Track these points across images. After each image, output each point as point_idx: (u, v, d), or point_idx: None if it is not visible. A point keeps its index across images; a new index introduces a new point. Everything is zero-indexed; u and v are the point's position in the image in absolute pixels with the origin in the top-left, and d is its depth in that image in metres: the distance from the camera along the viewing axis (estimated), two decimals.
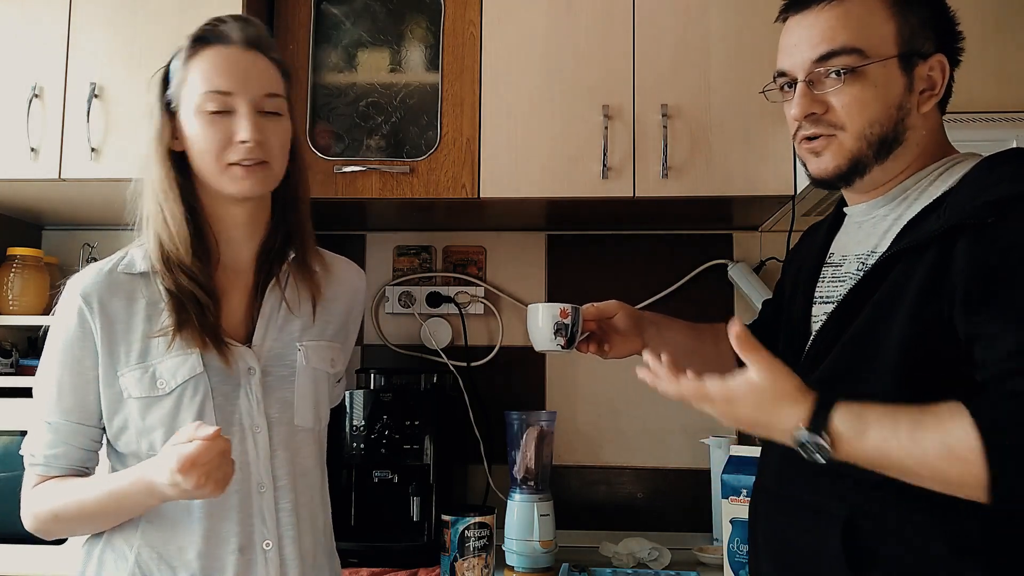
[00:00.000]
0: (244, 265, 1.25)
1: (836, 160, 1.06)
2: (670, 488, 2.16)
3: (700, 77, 1.85)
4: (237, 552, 1.16)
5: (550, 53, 1.89)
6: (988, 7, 1.81)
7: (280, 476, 1.21)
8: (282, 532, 1.19)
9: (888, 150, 1.05)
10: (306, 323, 1.27)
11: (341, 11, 2.03)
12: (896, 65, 1.04)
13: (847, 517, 0.97)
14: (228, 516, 1.16)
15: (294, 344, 1.24)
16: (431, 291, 2.24)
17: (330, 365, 1.29)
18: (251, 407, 1.19)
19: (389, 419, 1.88)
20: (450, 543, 1.72)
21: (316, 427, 1.28)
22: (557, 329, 1.28)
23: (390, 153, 1.99)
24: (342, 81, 2.02)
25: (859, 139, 1.05)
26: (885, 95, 1.03)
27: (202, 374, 1.16)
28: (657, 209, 1.98)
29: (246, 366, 1.20)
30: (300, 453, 1.24)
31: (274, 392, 1.21)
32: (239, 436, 1.18)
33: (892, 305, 0.98)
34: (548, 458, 1.90)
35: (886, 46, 1.03)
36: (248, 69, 1.18)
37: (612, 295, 2.18)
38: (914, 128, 1.06)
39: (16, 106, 1.83)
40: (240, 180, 1.17)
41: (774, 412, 0.93)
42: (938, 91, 1.06)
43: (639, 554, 1.90)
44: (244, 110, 1.16)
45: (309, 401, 1.25)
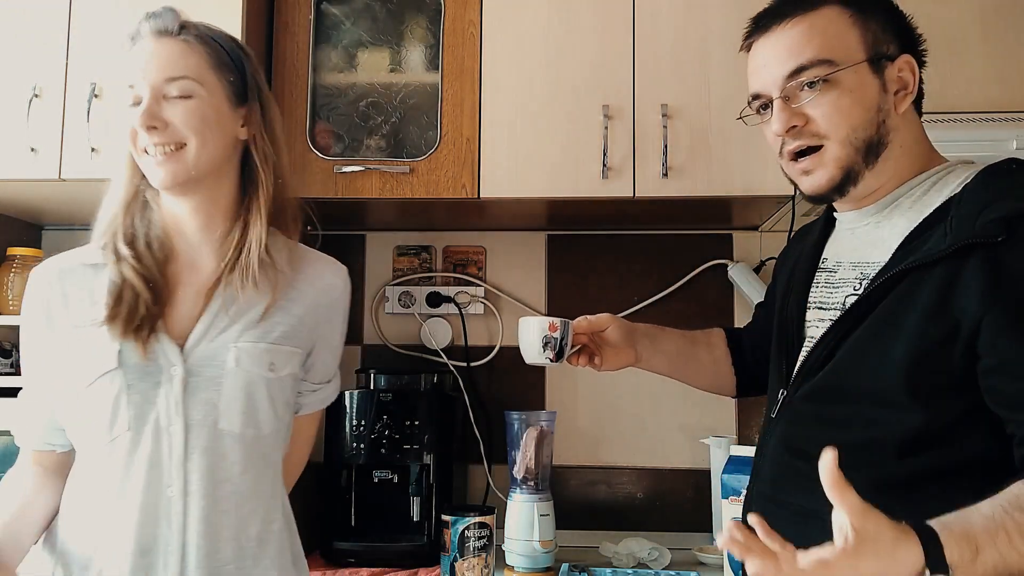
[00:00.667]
0: (202, 262, 1.23)
1: (829, 173, 1.07)
2: (670, 488, 2.16)
3: (700, 77, 1.85)
4: (134, 553, 1.12)
5: (550, 53, 1.89)
6: (988, 7, 1.82)
7: (193, 481, 1.15)
8: (187, 538, 1.14)
9: (876, 154, 1.06)
10: (249, 324, 1.21)
11: (341, 11, 2.03)
12: (867, 69, 1.05)
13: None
14: (130, 515, 1.12)
15: (229, 344, 1.19)
16: (431, 291, 2.24)
17: (268, 369, 1.21)
18: (168, 406, 1.15)
19: (389, 419, 1.88)
20: (450, 543, 1.72)
21: (249, 433, 1.19)
22: (546, 343, 1.28)
23: (390, 153, 1.99)
24: (342, 81, 2.02)
25: (846, 146, 1.05)
26: (862, 99, 1.05)
27: (117, 370, 1.14)
28: (657, 209, 1.98)
29: (168, 364, 1.16)
30: (225, 459, 1.17)
31: (198, 393, 1.16)
32: (154, 435, 1.14)
33: (897, 320, 0.98)
34: (548, 458, 1.90)
35: (853, 52, 1.05)
36: (151, 58, 1.18)
37: (612, 295, 2.20)
38: (896, 129, 1.07)
39: (16, 106, 1.82)
40: (155, 167, 1.17)
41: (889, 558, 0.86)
42: (911, 89, 1.07)
43: (639, 554, 1.90)
44: (144, 97, 1.16)
45: (238, 405, 1.18)
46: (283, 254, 1.26)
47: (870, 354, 1.01)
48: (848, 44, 1.06)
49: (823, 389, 1.07)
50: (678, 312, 2.20)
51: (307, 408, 1.35)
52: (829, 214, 1.21)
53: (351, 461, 1.90)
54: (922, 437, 0.97)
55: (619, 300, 2.20)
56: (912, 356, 0.96)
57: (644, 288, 2.20)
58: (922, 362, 0.96)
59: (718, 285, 2.20)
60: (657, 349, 1.39)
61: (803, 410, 1.10)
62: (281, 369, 1.23)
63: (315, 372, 1.32)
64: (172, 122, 1.16)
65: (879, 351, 0.99)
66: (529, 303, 2.23)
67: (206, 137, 1.18)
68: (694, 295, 2.20)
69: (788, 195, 1.81)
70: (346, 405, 1.91)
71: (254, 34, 1.87)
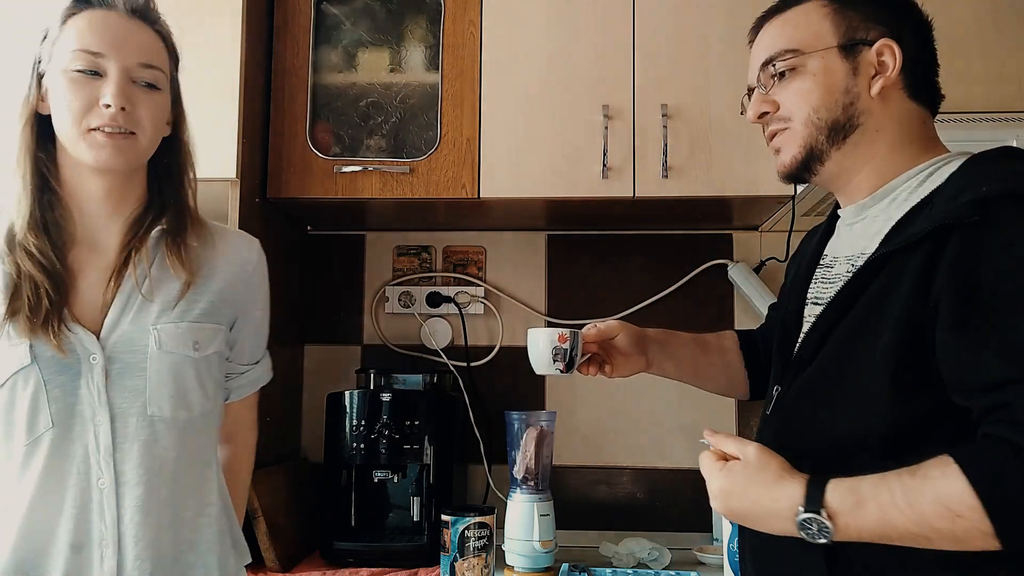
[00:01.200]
0: (104, 245, 1.18)
1: (791, 151, 1.11)
2: (670, 488, 2.16)
3: (700, 77, 1.85)
4: (68, 550, 1.09)
5: (550, 53, 1.89)
6: (988, 7, 1.82)
7: (126, 471, 1.12)
8: (123, 530, 1.11)
9: (842, 134, 1.08)
10: (166, 304, 1.17)
11: (341, 11, 2.03)
12: (835, 54, 1.08)
13: None
14: (61, 511, 1.10)
15: (148, 328, 1.15)
16: (431, 291, 2.24)
17: (192, 348, 1.18)
18: (92, 397, 1.11)
19: (389, 419, 1.88)
20: (450, 543, 1.72)
21: (181, 416, 1.17)
22: (556, 354, 1.28)
23: (390, 153, 1.99)
24: (342, 81, 2.02)
25: (807, 125, 1.09)
26: (825, 82, 1.08)
27: (31, 366, 1.09)
28: (657, 209, 1.98)
29: (87, 353, 1.11)
30: (158, 445, 1.15)
31: (122, 380, 1.13)
32: (80, 428, 1.11)
33: (880, 307, 0.98)
34: (548, 458, 1.90)
35: (821, 40, 1.09)
36: (126, 35, 1.13)
37: (612, 295, 2.20)
38: (868, 112, 1.08)
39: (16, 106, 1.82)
40: (99, 147, 1.11)
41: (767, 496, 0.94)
42: (888, 72, 1.07)
43: (639, 554, 1.90)
44: (114, 75, 1.11)
45: (166, 389, 1.15)
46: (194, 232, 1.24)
47: (854, 346, 1.00)
48: (817, 32, 1.10)
49: (812, 384, 1.06)
50: (678, 312, 2.20)
51: (239, 392, 1.34)
52: (834, 212, 1.22)
53: (351, 461, 1.90)
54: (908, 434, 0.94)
55: (619, 300, 2.20)
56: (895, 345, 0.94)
57: (644, 288, 2.20)
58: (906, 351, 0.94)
59: (718, 285, 2.19)
60: (668, 355, 1.38)
61: (794, 406, 1.09)
62: (206, 348, 1.21)
63: (241, 352, 1.31)
64: (136, 109, 1.13)
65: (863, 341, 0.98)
66: (529, 303, 2.23)
67: (157, 131, 1.18)
68: (694, 295, 2.20)
69: (788, 195, 1.81)
70: (346, 405, 1.91)
71: (254, 34, 1.87)
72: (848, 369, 1.00)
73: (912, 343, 0.93)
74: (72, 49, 1.11)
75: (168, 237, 1.20)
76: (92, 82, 1.11)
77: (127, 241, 1.18)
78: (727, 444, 1.01)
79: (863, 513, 0.88)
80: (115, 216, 1.18)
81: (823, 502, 0.89)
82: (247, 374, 1.35)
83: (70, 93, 1.11)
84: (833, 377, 1.02)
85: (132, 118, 1.12)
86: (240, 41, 1.78)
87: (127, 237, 1.18)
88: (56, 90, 1.12)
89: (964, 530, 0.84)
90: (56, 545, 1.10)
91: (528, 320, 2.22)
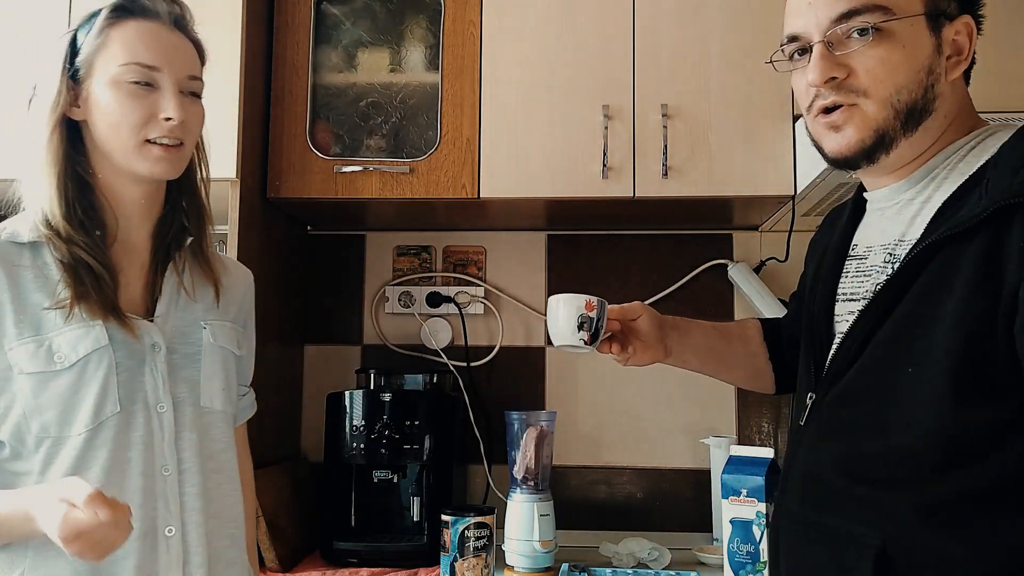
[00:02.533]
0: (139, 245, 1.20)
1: (860, 133, 0.95)
2: (670, 488, 2.16)
3: (700, 77, 1.85)
4: (140, 538, 1.09)
5: (550, 53, 1.89)
6: (988, 7, 1.81)
7: (186, 459, 1.15)
8: (186, 518, 1.14)
9: (917, 121, 0.94)
10: (208, 304, 1.23)
11: (341, 11, 2.03)
12: (924, 24, 0.93)
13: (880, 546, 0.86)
14: (130, 499, 1.08)
15: (198, 323, 1.21)
16: (431, 291, 2.24)
17: (236, 347, 1.26)
18: (156, 385, 1.13)
19: (389, 419, 1.88)
20: (450, 543, 1.71)
21: (228, 411, 1.23)
22: (581, 323, 1.16)
23: (390, 153, 1.99)
24: (342, 81, 2.02)
25: (885, 107, 0.93)
26: (913, 57, 0.92)
27: (107, 346, 1.10)
28: (657, 209, 1.98)
29: (151, 341, 1.14)
30: (208, 435, 1.18)
31: (180, 371, 1.16)
32: (144, 415, 1.12)
33: (935, 302, 0.86)
34: (548, 458, 1.90)
35: (912, 4, 0.93)
36: (174, 47, 1.16)
37: (612, 295, 2.18)
38: (943, 97, 0.95)
39: (16, 106, 1.82)
40: (157, 159, 1.14)
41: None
42: (966, 55, 0.96)
43: (639, 554, 1.90)
44: (169, 88, 1.14)
45: (218, 381, 1.20)
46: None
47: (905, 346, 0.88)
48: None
49: (854, 391, 0.94)
50: (678, 312, 2.17)
51: (241, 415, 1.37)
52: (859, 196, 1.09)
53: (351, 461, 1.90)
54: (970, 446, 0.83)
55: (619, 300, 2.18)
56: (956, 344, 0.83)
57: (644, 288, 2.20)
58: (969, 351, 0.83)
59: (718, 285, 2.19)
60: (687, 343, 1.28)
61: (833, 417, 0.97)
62: (241, 348, 1.28)
63: (244, 367, 1.35)
64: (188, 121, 1.16)
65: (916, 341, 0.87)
66: (529, 303, 2.23)
67: (197, 140, 1.22)
68: (694, 295, 2.20)
69: (788, 195, 1.81)
70: (346, 405, 1.91)
71: (254, 34, 1.87)
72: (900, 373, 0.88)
73: (977, 343, 0.83)
74: (125, 62, 1.12)
75: (195, 245, 1.24)
76: (148, 95, 1.13)
77: (158, 244, 1.21)
78: None
79: None
80: (147, 218, 1.21)
81: None
82: (246, 396, 1.38)
83: (126, 106, 1.12)
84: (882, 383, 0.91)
85: (185, 129, 1.16)
86: (240, 41, 1.78)
87: (157, 241, 1.22)
88: (105, 100, 1.13)
89: None
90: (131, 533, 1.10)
91: (528, 320, 2.22)
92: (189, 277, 1.23)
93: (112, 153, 1.14)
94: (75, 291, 1.10)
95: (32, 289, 1.11)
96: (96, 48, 1.14)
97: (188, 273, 1.23)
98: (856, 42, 0.93)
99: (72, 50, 1.15)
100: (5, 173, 1.20)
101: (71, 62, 1.15)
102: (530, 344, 2.22)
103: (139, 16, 1.15)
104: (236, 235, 1.77)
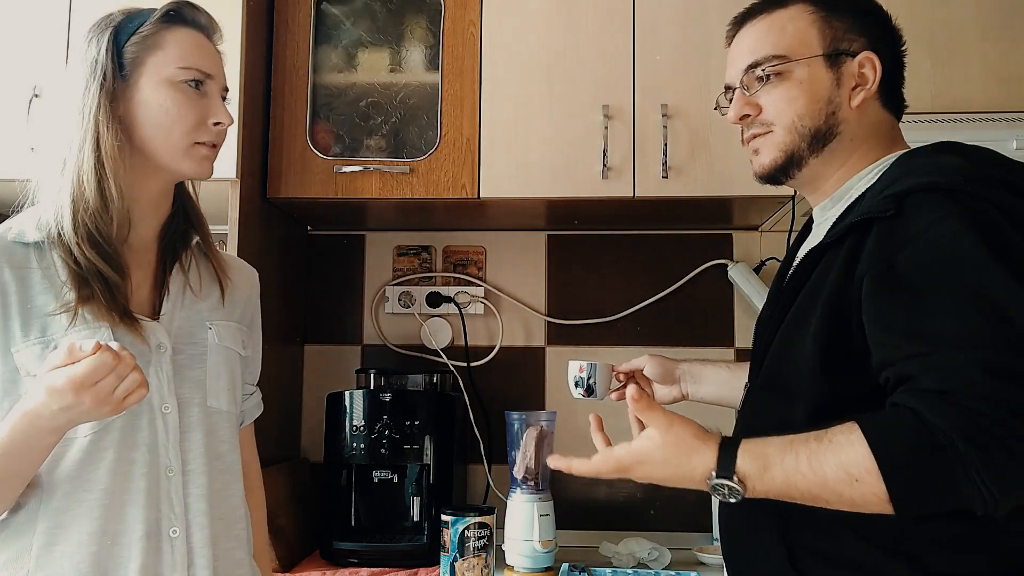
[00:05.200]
0: (146, 244, 1.20)
1: (772, 154, 1.13)
2: (670, 488, 2.14)
3: (700, 77, 1.85)
4: (144, 539, 1.09)
5: (550, 53, 1.89)
6: (988, 7, 1.82)
7: (191, 459, 1.15)
8: (191, 519, 1.14)
9: (823, 142, 1.11)
10: (213, 304, 1.24)
11: (341, 11, 2.03)
12: (821, 63, 1.11)
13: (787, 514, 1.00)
14: (134, 501, 1.10)
15: (204, 323, 1.21)
16: (431, 291, 2.24)
17: (241, 347, 1.26)
18: (161, 386, 1.13)
19: (389, 419, 1.88)
20: (450, 543, 1.72)
21: (233, 411, 1.23)
22: (576, 382, 1.42)
23: (390, 153, 1.99)
24: (342, 81, 2.02)
25: (791, 132, 1.11)
26: (811, 91, 1.10)
27: None
28: (657, 209, 1.98)
29: (156, 342, 1.14)
30: (214, 436, 1.19)
31: (185, 371, 1.17)
32: (148, 417, 1.12)
33: (815, 296, 1.02)
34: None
35: (808, 48, 1.11)
36: (217, 59, 1.22)
37: (612, 295, 2.20)
38: (847, 122, 1.11)
39: (16, 106, 1.82)
40: (202, 160, 1.18)
41: (685, 464, 0.99)
42: (870, 85, 1.10)
43: (639, 554, 1.90)
44: (216, 95, 1.19)
45: (223, 382, 1.20)
46: None
47: (795, 333, 1.05)
48: (804, 40, 1.11)
49: (766, 376, 1.11)
50: (678, 312, 2.20)
51: (249, 414, 1.37)
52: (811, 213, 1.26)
53: (351, 461, 1.90)
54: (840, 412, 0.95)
55: (619, 300, 2.20)
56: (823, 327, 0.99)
57: (644, 288, 2.20)
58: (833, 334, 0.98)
59: (718, 285, 2.19)
60: (702, 383, 1.44)
61: (755, 399, 1.15)
62: (246, 349, 1.29)
63: (250, 367, 1.35)
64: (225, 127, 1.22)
65: (800, 328, 1.03)
66: (529, 303, 2.23)
67: None
68: (694, 295, 2.20)
69: (788, 195, 1.81)
70: (346, 405, 1.91)
71: (254, 34, 1.87)
72: (790, 357, 1.05)
73: (839, 327, 0.98)
74: (183, 64, 1.16)
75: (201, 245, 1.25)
76: (199, 99, 1.17)
77: (165, 244, 1.22)
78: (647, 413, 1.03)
79: (769, 476, 0.94)
80: (156, 217, 1.22)
81: (734, 468, 0.95)
82: (252, 397, 1.38)
83: (184, 106, 1.15)
84: (781, 365, 1.08)
85: (224, 134, 1.22)
86: (240, 41, 1.79)
87: (163, 240, 1.22)
88: (158, 100, 1.14)
89: (861, 494, 0.89)
90: (130, 535, 1.10)
91: (528, 320, 2.22)
92: (196, 276, 1.23)
93: (156, 151, 1.16)
94: (80, 295, 1.09)
95: (39, 291, 1.11)
96: (148, 48, 1.15)
97: (195, 272, 1.23)
98: (762, 84, 1.13)
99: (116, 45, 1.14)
100: (9, 173, 1.19)
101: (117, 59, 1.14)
102: (530, 344, 2.23)
103: (190, 25, 1.19)
104: (236, 235, 1.77)
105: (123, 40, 1.15)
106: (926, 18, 1.82)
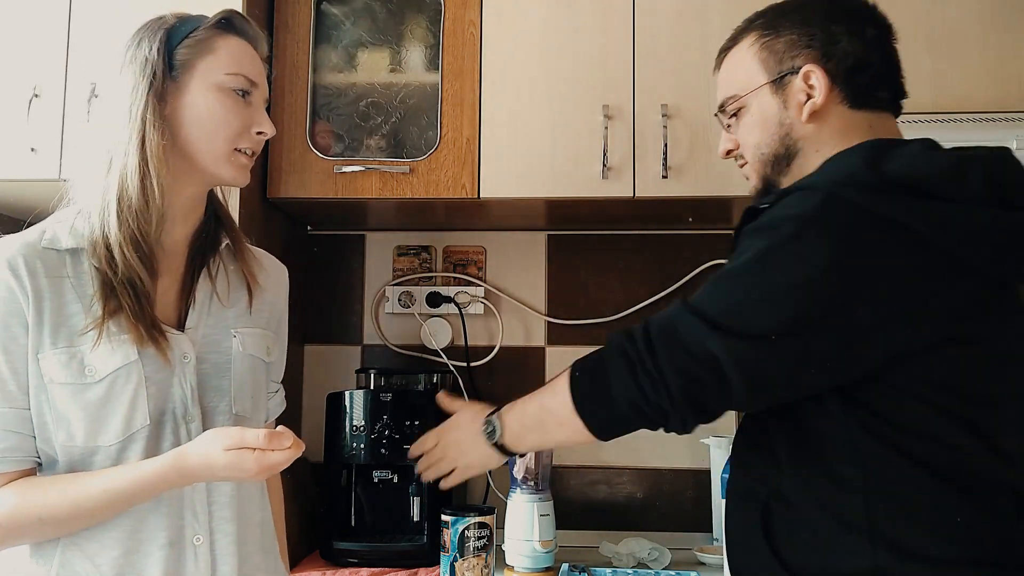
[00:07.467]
0: (177, 247, 1.20)
1: (753, 181, 1.22)
2: (670, 488, 2.16)
3: (700, 77, 1.85)
4: (167, 547, 1.10)
5: (550, 53, 1.89)
6: (988, 7, 1.82)
7: None
8: (215, 526, 1.15)
9: (786, 161, 1.16)
10: (240, 311, 1.23)
11: (341, 11, 2.03)
12: (767, 91, 1.16)
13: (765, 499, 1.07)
14: (156, 509, 1.10)
15: (228, 331, 1.21)
16: (431, 291, 2.24)
17: (266, 353, 1.26)
18: (185, 396, 1.13)
19: (389, 419, 1.88)
20: (450, 543, 1.72)
21: (256, 417, 1.24)
22: None
23: (390, 153, 1.99)
24: (342, 81, 2.02)
25: (757, 161, 1.19)
26: (763, 119, 1.16)
27: (136, 362, 1.10)
28: (657, 209, 1.98)
29: (180, 353, 1.14)
30: None
31: (210, 380, 1.17)
32: (171, 426, 1.12)
33: None
34: (548, 458, 1.90)
35: (753, 80, 1.17)
36: (263, 70, 1.23)
37: (612, 295, 2.20)
38: (806, 137, 1.14)
39: (16, 106, 1.82)
40: (242, 168, 1.19)
41: (471, 422, 1.25)
42: (816, 95, 1.12)
43: (639, 554, 1.90)
44: (260, 104, 1.21)
45: (247, 389, 1.21)
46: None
47: None
48: (749, 74, 1.17)
49: None
50: None
51: (271, 413, 1.37)
52: None
53: (351, 461, 1.90)
54: None
55: (619, 300, 2.20)
56: None
57: (644, 288, 2.20)
58: None
59: None
60: None
61: None
62: (271, 354, 1.29)
63: (275, 367, 1.34)
64: None
65: None
66: (529, 303, 2.23)
67: None
68: None
69: None
70: (346, 405, 1.91)
71: None
72: None
73: None
74: (234, 71, 1.17)
75: (231, 248, 1.25)
76: (245, 107, 1.18)
77: (195, 249, 1.21)
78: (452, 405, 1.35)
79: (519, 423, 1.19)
80: (184, 225, 1.21)
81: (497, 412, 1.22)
82: (277, 395, 1.38)
83: (231, 112, 1.16)
84: None
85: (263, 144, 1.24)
86: None
87: (194, 245, 1.21)
88: (206, 104, 1.15)
89: (571, 431, 1.09)
90: (154, 543, 1.10)
91: (528, 320, 2.22)
92: (224, 282, 1.22)
93: (198, 153, 1.15)
94: (107, 307, 1.09)
95: (71, 299, 1.10)
96: (200, 52, 1.15)
97: (222, 278, 1.22)
98: (733, 120, 1.22)
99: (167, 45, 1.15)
100: (9, 173, 1.18)
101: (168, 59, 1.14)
102: (530, 344, 2.23)
103: (242, 35, 1.20)
104: None
105: (175, 42, 1.15)
106: (926, 17, 1.82)
